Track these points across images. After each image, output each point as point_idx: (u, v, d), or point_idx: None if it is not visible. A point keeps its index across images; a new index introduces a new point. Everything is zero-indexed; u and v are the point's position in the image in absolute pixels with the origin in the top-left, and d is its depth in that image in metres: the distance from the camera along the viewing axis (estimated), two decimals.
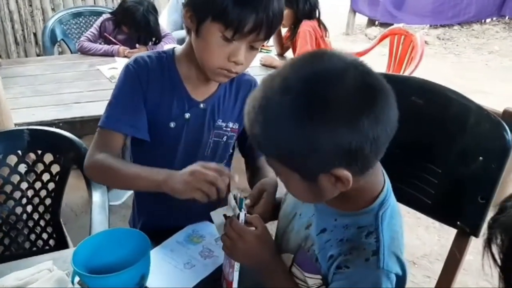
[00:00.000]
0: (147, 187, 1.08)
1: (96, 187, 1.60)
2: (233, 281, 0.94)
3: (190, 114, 1.19)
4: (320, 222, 0.88)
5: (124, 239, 1.05)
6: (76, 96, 2.28)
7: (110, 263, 1.00)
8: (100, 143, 1.16)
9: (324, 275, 0.86)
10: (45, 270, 1.03)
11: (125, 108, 1.15)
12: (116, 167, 1.10)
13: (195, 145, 1.24)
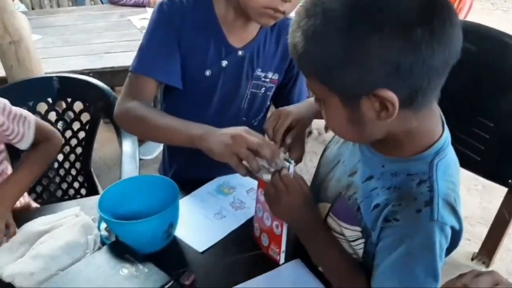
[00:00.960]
0: (180, 141, 0.98)
1: (126, 137, 1.57)
2: (282, 235, 0.90)
3: (227, 62, 1.10)
4: (366, 169, 0.81)
5: (153, 186, 1.00)
6: (107, 47, 2.23)
7: (137, 210, 0.96)
8: (131, 90, 1.08)
9: (363, 227, 0.79)
10: (72, 216, 1.01)
11: (157, 52, 1.07)
12: (149, 118, 1.02)
13: (231, 96, 1.16)
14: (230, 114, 1.18)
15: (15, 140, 1.13)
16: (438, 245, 0.70)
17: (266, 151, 0.85)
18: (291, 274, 0.92)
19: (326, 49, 0.65)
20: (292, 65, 1.20)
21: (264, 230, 0.96)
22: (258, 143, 0.85)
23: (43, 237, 0.92)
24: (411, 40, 0.60)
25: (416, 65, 0.62)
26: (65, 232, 0.92)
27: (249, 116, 1.21)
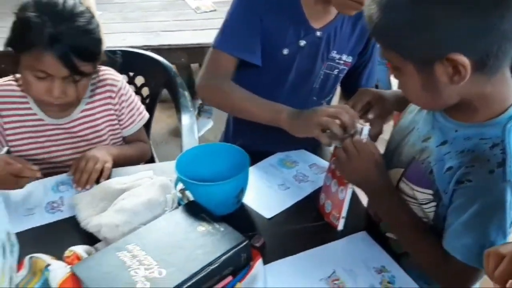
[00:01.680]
0: (262, 118, 1.08)
1: (185, 111, 1.62)
2: (344, 199, 0.93)
3: (306, 42, 1.14)
4: (440, 135, 0.85)
5: (224, 153, 1.05)
6: (163, 25, 2.29)
7: (208, 175, 1.01)
8: (213, 65, 1.15)
9: (436, 190, 0.83)
10: (146, 178, 1.07)
11: (240, 30, 1.12)
12: (234, 94, 1.11)
13: (306, 75, 1.20)
14: (302, 93, 1.22)
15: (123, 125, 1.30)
16: (509, 205, 0.74)
17: (345, 117, 0.90)
18: (358, 244, 0.95)
19: (399, 17, 0.71)
20: (365, 50, 1.23)
21: (329, 197, 1.00)
22: (336, 110, 0.92)
23: (124, 194, 0.98)
24: (481, 5, 0.65)
25: (486, 30, 0.66)
26: (145, 191, 0.97)
27: (320, 96, 1.24)
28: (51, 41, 1.02)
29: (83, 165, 1.11)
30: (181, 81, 1.67)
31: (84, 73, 1.09)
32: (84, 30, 1.07)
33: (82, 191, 1.08)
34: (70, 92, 1.10)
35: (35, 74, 1.07)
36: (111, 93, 1.25)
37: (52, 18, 1.03)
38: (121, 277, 0.78)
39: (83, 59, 1.07)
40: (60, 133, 1.21)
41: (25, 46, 1.04)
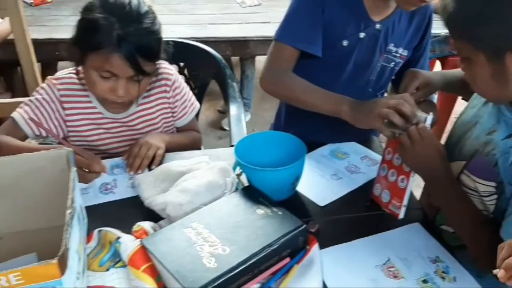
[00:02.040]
0: (324, 110, 1.11)
1: (233, 101, 1.67)
2: (406, 188, 0.95)
3: (365, 34, 1.16)
4: (506, 128, 0.86)
5: (278, 142, 1.08)
6: (209, 18, 2.34)
7: (264, 162, 1.04)
8: (275, 57, 1.19)
9: (499, 182, 0.84)
10: (204, 162, 1.11)
11: (302, 22, 1.15)
12: (296, 87, 1.15)
13: (363, 67, 1.22)
14: (359, 85, 1.24)
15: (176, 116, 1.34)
16: None
17: (406, 108, 0.92)
18: (412, 235, 0.97)
19: (472, 8, 0.74)
20: (420, 45, 1.25)
21: (387, 187, 1.01)
22: (397, 101, 0.94)
23: (186, 176, 1.03)
24: None
25: None
26: (206, 173, 1.02)
27: (375, 88, 1.26)
28: (119, 42, 1.04)
29: (136, 151, 1.15)
30: (230, 73, 1.71)
31: (147, 72, 1.12)
32: (149, 31, 1.10)
33: (134, 175, 1.13)
34: (132, 91, 1.14)
35: (101, 74, 1.09)
36: (166, 87, 1.28)
37: (120, 19, 1.05)
38: (188, 251, 0.82)
39: (147, 59, 1.10)
40: (117, 126, 1.26)
41: (93, 47, 1.06)
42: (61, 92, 1.21)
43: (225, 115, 3.03)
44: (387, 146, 1.02)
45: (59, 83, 1.21)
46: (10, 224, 0.92)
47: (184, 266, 0.79)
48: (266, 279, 0.84)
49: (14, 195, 0.90)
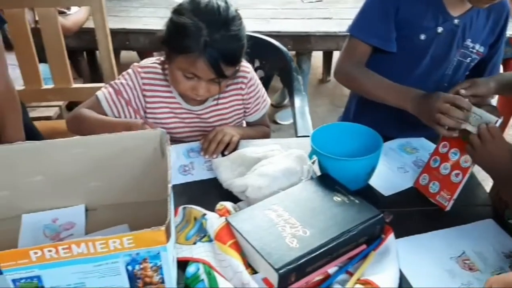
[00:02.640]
0: (394, 103, 1.14)
1: (298, 94, 1.71)
2: (460, 182, 1.00)
3: (443, 29, 1.18)
4: None
5: (355, 133, 1.11)
6: (272, 12, 2.38)
7: (339, 152, 1.07)
8: (349, 52, 1.23)
9: None
10: (277, 150, 1.16)
11: (375, 18, 1.18)
12: (367, 81, 1.19)
13: (439, 62, 1.24)
14: (434, 79, 1.26)
15: (248, 112, 1.40)
16: None
17: (464, 103, 0.97)
18: (485, 230, 0.98)
19: None
20: (496, 42, 1.25)
21: (437, 178, 1.05)
22: (454, 97, 0.99)
23: (263, 162, 1.08)
24: None
25: None
26: (283, 160, 1.06)
27: (450, 83, 1.27)
28: (205, 48, 1.09)
29: (212, 136, 1.22)
30: (295, 66, 1.75)
31: (227, 76, 1.17)
32: (235, 38, 1.14)
33: (208, 159, 1.19)
34: (213, 91, 1.20)
35: (185, 75, 1.16)
36: (242, 84, 1.33)
37: (209, 25, 1.09)
38: (271, 231, 0.87)
39: (230, 65, 1.15)
40: (192, 117, 1.32)
41: (181, 50, 1.12)
42: (144, 80, 1.28)
43: (278, 109, 3.09)
44: (443, 139, 1.07)
45: (144, 71, 1.28)
46: (104, 197, 1.00)
47: (269, 244, 0.84)
48: (343, 262, 0.88)
49: (109, 170, 0.97)
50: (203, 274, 0.83)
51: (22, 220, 0.95)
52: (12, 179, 0.92)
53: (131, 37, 2.24)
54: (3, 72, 1.23)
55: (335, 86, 3.58)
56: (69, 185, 0.97)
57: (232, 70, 1.19)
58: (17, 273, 0.67)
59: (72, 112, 1.25)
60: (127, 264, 0.71)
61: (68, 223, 0.96)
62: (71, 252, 0.67)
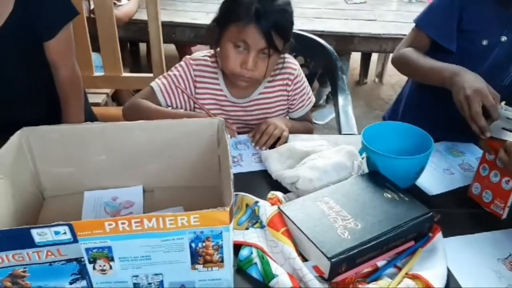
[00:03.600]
0: (435, 81, 1.16)
1: (342, 93, 1.72)
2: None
3: (507, 39, 1.19)
4: None
5: (404, 133, 1.13)
6: (316, 12, 2.40)
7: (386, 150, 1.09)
8: (408, 39, 1.29)
9: None
10: (324, 145, 1.18)
11: (439, 13, 1.22)
12: (415, 60, 1.22)
13: (498, 71, 1.25)
14: None
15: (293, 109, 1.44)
16: None
17: (495, 115, 0.98)
18: None
19: None
20: None
21: (489, 187, 1.04)
22: (491, 104, 1.00)
23: (313, 155, 1.10)
24: None
25: None
26: (334, 154, 1.09)
27: (505, 95, 1.27)
28: (256, 15, 1.15)
29: (264, 128, 1.25)
30: (340, 65, 1.77)
31: (277, 48, 1.21)
32: (283, 10, 1.20)
33: (259, 150, 1.22)
34: (260, 67, 1.23)
35: (236, 44, 1.20)
36: (288, 81, 1.37)
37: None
38: (323, 221, 0.90)
39: (278, 35, 1.19)
40: (237, 110, 1.37)
41: (232, 19, 1.19)
42: (196, 72, 1.33)
43: (314, 109, 3.11)
44: (486, 145, 1.06)
45: (196, 63, 1.34)
46: (161, 179, 1.04)
47: (321, 233, 0.87)
48: (392, 257, 0.90)
49: (168, 154, 1.01)
50: (256, 258, 0.87)
51: (84, 196, 1.01)
52: (78, 157, 0.98)
53: (178, 30, 2.30)
54: (71, 58, 1.30)
55: (371, 88, 3.58)
56: (129, 166, 1.02)
57: (281, 44, 1.22)
58: (91, 242, 0.72)
59: (129, 102, 1.31)
60: (191, 241, 0.75)
61: (128, 202, 1.01)
62: (142, 226, 0.71)
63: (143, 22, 2.19)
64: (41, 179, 0.99)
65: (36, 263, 0.72)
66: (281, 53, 1.28)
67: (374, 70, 3.64)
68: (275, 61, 1.27)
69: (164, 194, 1.04)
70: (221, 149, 0.97)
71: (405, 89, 1.54)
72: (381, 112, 3.29)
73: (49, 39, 1.25)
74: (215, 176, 1.04)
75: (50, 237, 0.69)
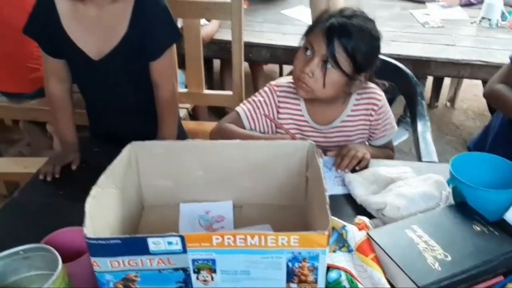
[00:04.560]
0: None
1: (421, 118, 1.72)
2: None
3: None
4: None
5: (495, 165, 1.11)
6: (393, 35, 2.40)
7: (474, 181, 1.08)
8: (502, 74, 1.32)
9: None
10: (409, 173, 1.19)
11: None
12: (504, 94, 1.26)
13: None
14: None
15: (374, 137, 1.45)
16: None
17: None
18: None
19: None
20: None
21: None
22: None
23: (399, 183, 1.12)
24: None
25: None
26: (420, 183, 1.09)
27: None
28: (329, 23, 1.20)
29: (346, 151, 1.27)
30: (420, 90, 1.77)
31: (338, 63, 1.20)
32: (357, 27, 1.21)
33: (339, 174, 1.25)
34: (318, 77, 1.23)
35: (305, 46, 1.26)
36: (372, 111, 1.38)
37: (341, 12, 1.24)
38: (412, 250, 0.91)
39: (343, 50, 1.20)
40: (317, 136, 1.40)
41: (312, 27, 1.27)
42: (279, 98, 1.39)
43: None
44: None
45: (279, 90, 1.40)
46: (250, 196, 1.10)
47: (410, 262, 0.88)
48: None
49: (259, 173, 1.07)
50: (345, 281, 0.89)
51: (180, 209, 1.08)
52: (177, 171, 1.05)
53: (254, 49, 2.38)
54: (171, 78, 1.40)
55: (442, 112, 3.50)
56: (222, 181, 1.08)
57: (347, 63, 1.21)
58: (198, 254, 0.77)
59: (217, 126, 1.39)
60: (288, 261, 0.78)
61: (219, 216, 1.07)
62: (245, 242, 0.76)
63: (223, 42, 2.32)
64: (143, 190, 1.07)
65: (147, 269, 0.79)
66: (350, 77, 1.26)
67: (445, 93, 3.56)
68: (338, 81, 1.25)
69: (252, 210, 1.09)
70: (311, 172, 1.00)
71: (494, 122, 1.51)
72: (452, 137, 3.21)
73: (155, 59, 1.35)
74: (301, 196, 1.08)
75: (163, 246, 0.76)
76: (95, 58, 1.31)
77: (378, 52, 1.29)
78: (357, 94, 1.37)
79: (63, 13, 1.26)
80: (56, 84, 1.37)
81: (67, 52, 1.32)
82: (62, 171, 1.24)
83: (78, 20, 1.26)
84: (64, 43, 1.28)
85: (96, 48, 1.30)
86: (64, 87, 1.38)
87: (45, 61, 1.35)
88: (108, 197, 0.90)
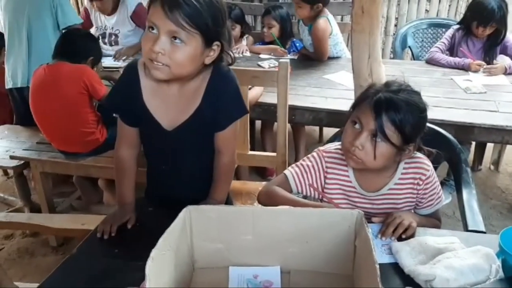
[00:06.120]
0: None
1: (467, 186, 1.70)
2: None
3: None
4: None
5: None
6: (435, 100, 2.43)
7: None
8: None
9: None
10: (457, 243, 1.19)
11: None
12: None
13: None
14: None
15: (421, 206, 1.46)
16: None
17: None
18: None
19: None
20: None
21: None
22: None
23: (447, 254, 1.11)
24: None
25: None
26: (470, 255, 1.09)
27: None
28: (376, 99, 1.26)
29: (391, 219, 1.29)
30: (465, 157, 1.77)
31: (387, 136, 1.24)
32: (403, 102, 1.25)
33: (385, 242, 1.25)
34: (368, 150, 1.28)
35: (353, 120, 1.31)
36: (419, 180, 1.40)
37: (387, 86, 1.31)
38: None
39: (392, 124, 1.24)
40: (364, 202, 1.42)
41: (360, 101, 1.33)
42: (327, 164, 1.43)
43: None
44: None
45: (328, 156, 1.44)
46: (297, 262, 1.12)
47: None
48: None
49: (307, 240, 1.09)
50: None
51: (229, 271, 1.11)
52: (228, 235, 1.10)
53: (297, 112, 2.46)
54: (233, 145, 1.47)
55: (486, 176, 3.42)
56: (271, 247, 1.11)
57: (396, 136, 1.25)
58: None
59: (265, 188, 1.44)
60: None
61: (267, 281, 1.09)
62: None
63: (267, 105, 2.43)
64: (194, 252, 1.12)
65: None
66: (399, 148, 1.29)
67: (489, 157, 3.50)
68: (388, 153, 1.29)
69: (299, 276, 1.11)
70: (360, 241, 1.03)
71: None
72: (497, 202, 3.12)
73: (221, 130, 1.42)
74: (349, 265, 1.09)
75: None
76: (168, 129, 1.38)
77: (426, 122, 1.33)
78: (405, 162, 1.39)
79: (146, 89, 1.35)
80: (126, 150, 1.46)
81: (143, 122, 1.41)
82: (117, 229, 1.31)
83: (159, 96, 1.35)
84: (142, 115, 1.37)
85: (170, 120, 1.38)
86: (133, 153, 1.47)
87: (120, 127, 1.45)
88: (164, 259, 0.95)
